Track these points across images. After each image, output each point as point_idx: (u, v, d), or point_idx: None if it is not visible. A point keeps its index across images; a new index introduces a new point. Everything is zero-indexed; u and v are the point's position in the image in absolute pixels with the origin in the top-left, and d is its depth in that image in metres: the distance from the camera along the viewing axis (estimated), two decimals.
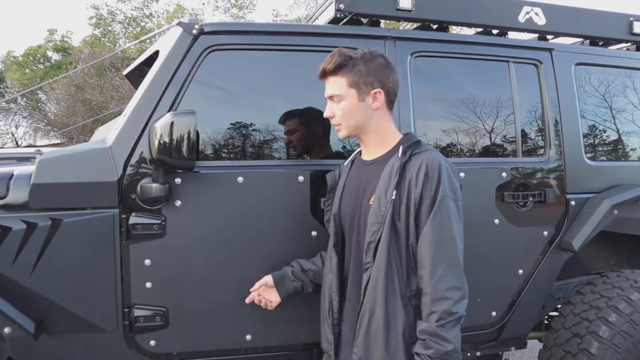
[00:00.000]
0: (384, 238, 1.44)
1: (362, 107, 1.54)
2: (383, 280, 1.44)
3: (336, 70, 1.53)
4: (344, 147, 2.09)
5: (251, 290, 1.84)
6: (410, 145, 1.52)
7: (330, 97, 1.58)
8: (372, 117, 1.55)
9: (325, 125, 2.05)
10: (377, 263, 1.45)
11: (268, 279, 1.82)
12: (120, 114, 1.98)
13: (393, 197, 1.44)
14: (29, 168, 1.87)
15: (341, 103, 1.55)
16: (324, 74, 1.57)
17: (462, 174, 2.01)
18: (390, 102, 1.58)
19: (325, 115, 1.61)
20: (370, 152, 1.62)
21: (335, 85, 1.55)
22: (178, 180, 1.82)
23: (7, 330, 1.72)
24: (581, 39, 2.59)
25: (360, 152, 1.70)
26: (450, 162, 1.52)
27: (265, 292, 1.83)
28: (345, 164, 1.75)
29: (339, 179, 1.72)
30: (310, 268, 1.82)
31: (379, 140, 1.59)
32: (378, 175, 1.52)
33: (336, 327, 1.62)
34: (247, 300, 1.84)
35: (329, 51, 2.00)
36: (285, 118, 2.02)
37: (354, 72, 1.52)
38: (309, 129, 2.06)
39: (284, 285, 1.81)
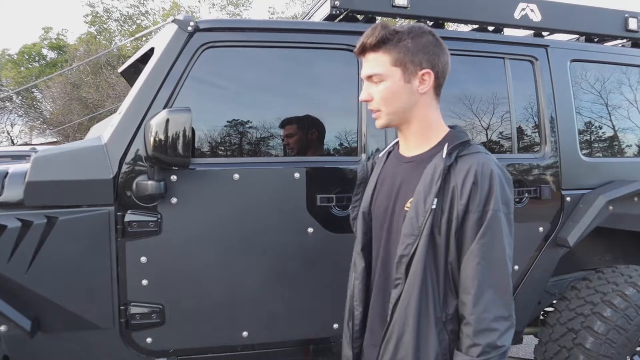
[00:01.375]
0: (419, 253, 1.23)
1: (407, 90, 1.30)
2: (416, 301, 1.22)
3: (378, 45, 1.29)
4: (341, 144, 2.09)
5: None
6: (457, 145, 1.28)
7: (369, 77, 1.33)
8: (417, 104, 1.31)
9: (320, 128, 2.06)
10: (410, 281, 1.24)
11: None
12: (116, 112, 1.98)
13: (433, 207, 1.22)
14: (24, 166, 1.86)
15: (382, 84, 1.30)
16: (363, 50, 1.32)
17: None
18: (438, 87, 1.34)
19: (361, 98, 1.37)
20: (409, 146, 1.38)
21: (376, 63, 1.30)
22: (174, 178, 1.82)
23: (3, 328, 1.72)
24: (577, 36, 2.60)
25: (398, 144, 1.45)
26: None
27: None
28: (380, 155, 1.53)
29: (371, 172, 1.51)
30: None
31: (423, 132, 1.34)
32: (417, 177, 1.29)
33: (356, 341, 1.42)
34: None
35: (325, 48, 2.03)
36: (284, 122, 2.02)
37: (400, 49, 1.28)
38: (305, 131, 2.05)
39: None
